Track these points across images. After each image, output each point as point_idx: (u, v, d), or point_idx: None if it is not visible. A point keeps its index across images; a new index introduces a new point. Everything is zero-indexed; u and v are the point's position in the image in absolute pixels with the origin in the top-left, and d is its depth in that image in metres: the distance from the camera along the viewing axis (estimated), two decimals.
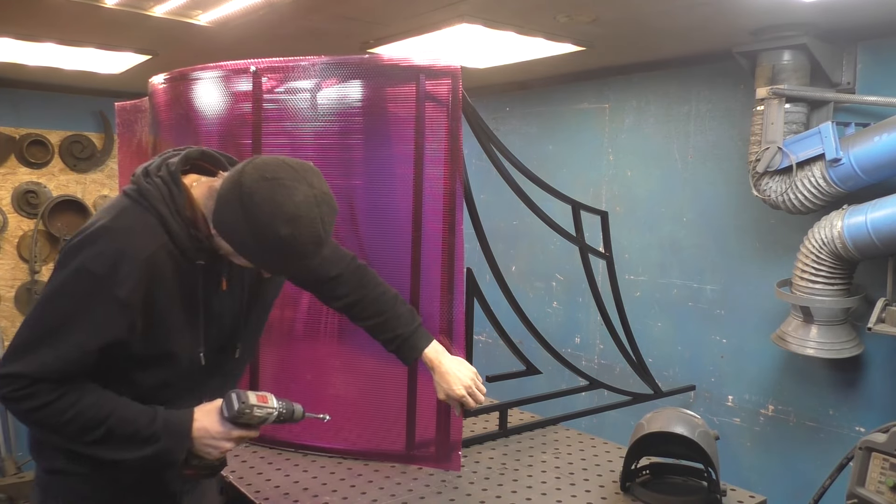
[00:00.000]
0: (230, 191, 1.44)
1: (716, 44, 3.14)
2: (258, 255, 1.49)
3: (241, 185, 1.42)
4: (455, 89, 2.24)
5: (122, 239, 1.49)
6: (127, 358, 1.54)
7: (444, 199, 2.32)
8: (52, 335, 1.46)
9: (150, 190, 1.54)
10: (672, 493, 2.14)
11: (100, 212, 1.59)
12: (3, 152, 5.08)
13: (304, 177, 1.45)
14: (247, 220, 1.42)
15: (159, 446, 1.55)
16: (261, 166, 1.45)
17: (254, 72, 2.31)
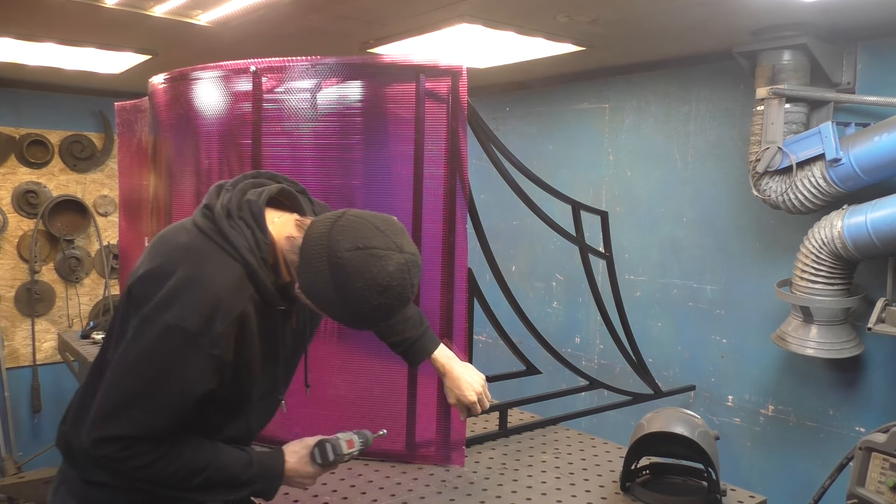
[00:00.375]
0: (319, 257, 1.40)
1: (716, 44, 3.14)
2: (344, 318, 1.48)
3: (332, 254, 1.39)
4: (456, 88, 2.24)
5: (214, 294, 1.42)
6: (206, 402, 1.51)
7: (444, 198, 2.32)
8: (146, 396, 1.42)
9: (236, 237, 1.46)
10: (672, 493, 2.13)
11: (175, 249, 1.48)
12: (3, 152, 5.08)
13: (394, 241, 1.42)
14: (337, 289, 1.39)
15: (255, 489, 1.60)
16: (350, 232, 1.40)
17: (254, 72, 2.31)
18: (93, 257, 5.47)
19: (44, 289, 5.27)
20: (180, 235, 1.52)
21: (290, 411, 2.56)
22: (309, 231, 1.45)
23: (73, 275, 5.33)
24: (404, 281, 1.41)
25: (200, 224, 1.51)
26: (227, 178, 2.52)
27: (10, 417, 5.10)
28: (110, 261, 5.47)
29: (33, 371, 5.25)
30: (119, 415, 1.41)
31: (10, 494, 4.54)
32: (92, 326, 4.05)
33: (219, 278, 1.43)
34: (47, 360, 5.30)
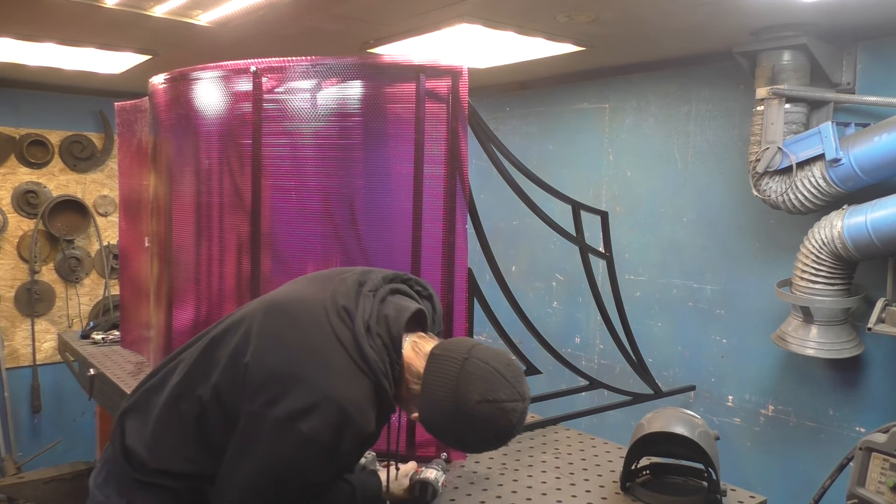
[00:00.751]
0: (446, 399, 1.47)
1: (716, 44, 3.14)
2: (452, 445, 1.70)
3: (461, 402, 1.46)
4: (456, 88, 2.24)
5: (348, 413, 1.43)
6: None
7: (444, 198, 2.32)
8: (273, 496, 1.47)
9: (374, 360, 1.49)
10: (672, 494, 2.13)
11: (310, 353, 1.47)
12: (3, 152, 5.08)
13: (519, 391, 1.51)
14: (459, 432, 1.50)
15: None
16: (479, 382, 1.46)
17: (254, 72, 2.30)
18: (93, 257, 5.47)
19: (44, 289, 5.27)
20: (314, 335, 1.50)
21: None
22: (435, 368, 1.51)
23: (73, 275, 5.33)
24: (521, 425, 1.54)
25: (339, 332, 1.49)
26: (227, 179, 2.53)
27: (10, 417, 5.11)
28: (110, 261, 5.47)
29: (33, 371, 5.25)
30: None
31: (10, 494, 4.54)
32: (92, 326, 4.05)
33: (353, 398, 1.45)
34: (47, 360, 5.30)
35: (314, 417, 1.40)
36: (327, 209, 2.45)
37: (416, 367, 1.53)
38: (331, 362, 1.46)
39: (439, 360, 1.51)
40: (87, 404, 5.11)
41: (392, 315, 1.54)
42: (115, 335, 3.87)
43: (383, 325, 1.53)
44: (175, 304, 2.74)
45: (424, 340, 1.58)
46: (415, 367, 1.53)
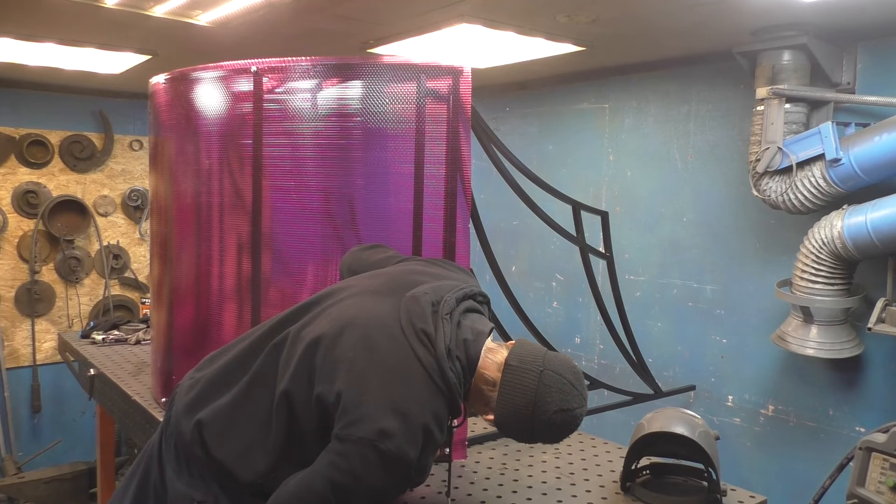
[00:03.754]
0: (526, 409, 1.60)
1: (716, 44, 3.15)
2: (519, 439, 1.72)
3: (540, 411, 1.59)
4: (457, 89, 2.24)
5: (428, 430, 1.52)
6: None
7: (444, 198, 2.32)
8: None
9: (454, 382, 1.57)
10: (672, 493, 2.13)
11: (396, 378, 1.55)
12: (3, 152, 5.08)
13: (584, 396, 1.66)
14: (532, 434, 1.64)
15: None
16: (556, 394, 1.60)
17: (255, 72, 2.30)
18: (93, 257, 5.47)
19: (44, 289, 5.27)
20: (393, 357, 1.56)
21: None
22: (513, 379, 1.62)
23: (73, 275, 5.33)
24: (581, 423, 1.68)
25: (421, 357, 1.56)
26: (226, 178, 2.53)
27: (10, 417, 5.11)
28: (110, 261, 5.48)
29: (33, 371, 5.25)
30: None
31: (10, 494, 4.54)
32: (92, 326, 4.04)
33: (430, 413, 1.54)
34: (47, 360, 5.30)
35: (399, 437, 1.48)
36: (327, 209, 2.45)
37: (491, 376, 1.64)
38: (414, 385, 1.54)
39: (516, 372, 1.62)
40: (87, 404, 5.11)
41: (470, 339, 1.65)
42: (116, 335, 3.87)
43: (462, 349, 1.63)
44: (175, 303, 2.74)
45: (496, 350, 1.68)
46: (490, 376, 1.64)
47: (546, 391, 1.60)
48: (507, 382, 1.62)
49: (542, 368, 1.62)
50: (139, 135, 5.57)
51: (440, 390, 1.56)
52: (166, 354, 2.76)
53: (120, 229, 5.58)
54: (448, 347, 1.58)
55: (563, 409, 1.61)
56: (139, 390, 2.95)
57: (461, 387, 1.61)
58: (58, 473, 4.69)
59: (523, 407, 1.60)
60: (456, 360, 1.60)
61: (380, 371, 1.54)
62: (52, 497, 4.62)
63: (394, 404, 1.50)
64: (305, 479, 1.54)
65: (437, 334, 1.59)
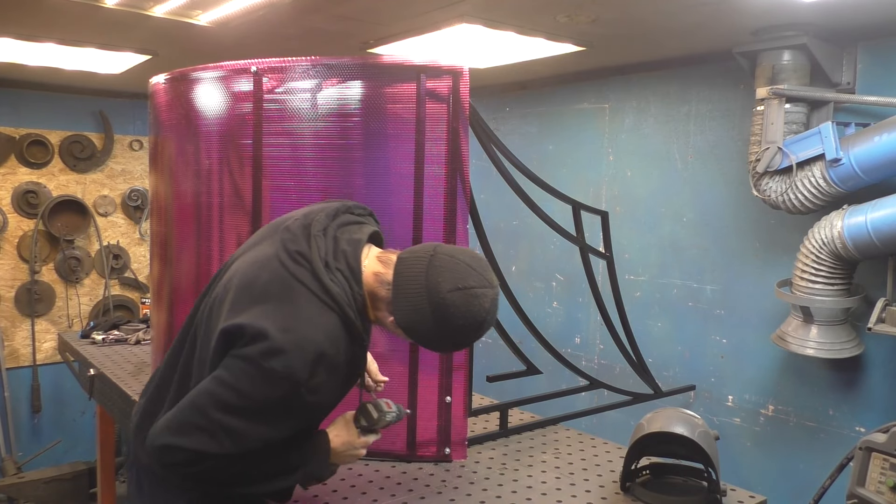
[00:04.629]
0: (419, 296, 1.53)
1: (716, 44, 3.15)
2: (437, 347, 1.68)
3: (434, 295, 1.52)
4: (457, 89, 2.24)
5: (318, 347, 1.49)
6: None
7: (444, 198, 2.32)
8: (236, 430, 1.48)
9: (337, 292, 1.54)
10: (672, 493, 2.13)
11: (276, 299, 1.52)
12: (3, 152, 5.08)
13: (486, 278, 1.58)
14: (439, 326, 1.55)
15: (308, 471, 1.66)
16: (448, 273, 1.53)
17: (254, 72, 2.31)
18: (93, 257, 5.47)
19: (44, 289, 5.27)
20: (273, 284, 1.55)
21: None
22: (403, 269, 1.57)
23: (73, 275, 5.33)
24: (494, 312, 1.59)
25: (297, 273, 1.55)
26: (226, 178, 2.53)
27: (10, 417, 5.11)
28: (110, 261, 5.48)
29: (33, 371, 5.25)
30: (203, 433, 1.47)
31: (10, 494, 4.54)
32: (92, 326, 4.05)
33: (321, 331, 1.50)
34: (47, 360, 5.30)
35: (285, 354, 1.45)
36: None
37: (385, 276, 1.59)
38: (299, 305, 1.51)
39: (407, 262, 1.58)
40: (87, 404, 5.12)
41: (349, 250, 1.60)
42: (116, 335, 3.87)
43: (342, 261, 1.59)
44: (175, 303, 2.74)
45: (389, 252, 1.65)
46: (385, 276, 1.59)
47: (437, 272, 1.53)
48: (399, 273, 1.57)
49: (433, 253, 1.57)
50: (139, 135, 5.57)
51: (327, 306, 1.52)
52: None
53: (120, 229, 5.58)
54: (325, 261, 1.56)
55: (458, 287, 1.52)
56: (139, 390, 2.94)
57: (352, 301, 1.57)
58: (58, 473, 4.69)
59: (416, 293, 1.54)
60: (337, 271, 1.56)
61: (264, 300, 1.52)
62: (52, 497, 4.62)
63: (280, 324, 1.47)
64: (189, 395, 1.50)
65: (311, 252, 1.56)
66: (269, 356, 1.45)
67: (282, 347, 1.45)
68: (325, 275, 1.54)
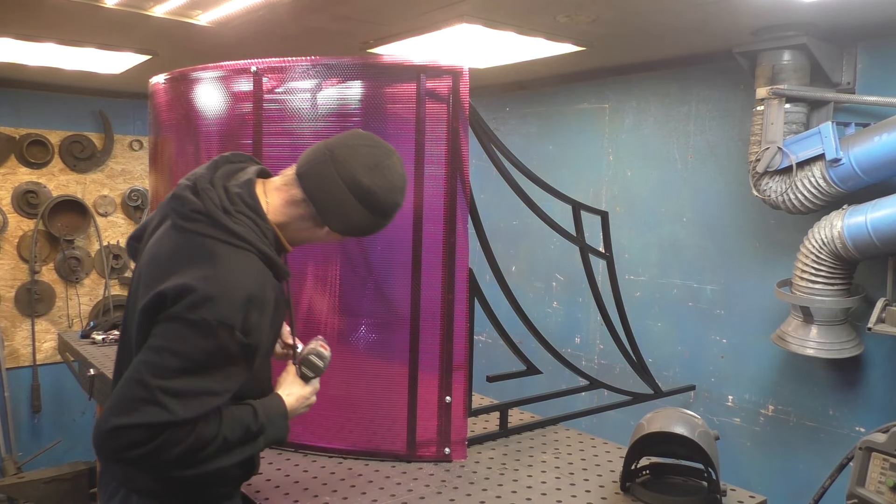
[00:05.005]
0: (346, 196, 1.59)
1: (716, 44, 3.15)
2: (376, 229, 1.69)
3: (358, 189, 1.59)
4: (457, 89, 2.24)
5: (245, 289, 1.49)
6: None
7: (444, 198, 2.32)
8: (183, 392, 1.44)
9: (246, 232, 1.55)
10: (672, 494, 2.13)
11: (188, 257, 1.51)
12: (3, 152, 5.08)
13: (383, 147, 1.66)
14: (372, 211, 1.62)
15: (269, 434, 1.66)
16: (356, 161, 1.60)
17: (254, 72, 2.31)
18: (93, 257, 5.47)
19: (44, 289, 5.27)
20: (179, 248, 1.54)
21: None
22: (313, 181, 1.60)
23: (73, 275, 5.33)
24: (404, 174, 1.69)
25: (199, 230, 1.54)
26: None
27: (10, 417, 5.11)
28: (110, 261, 5.48)
29: (33, 371, 5.25)
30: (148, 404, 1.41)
31: (10, 494, 4.54)
32: (92, 326, 4.05)
33: (244, 273, 1.51)
34: (47, 360, 5.30)
35: (213, 302, 1.44)
36: None
37: (296, 195, 1.62)
38: (211, 256, 1.51)
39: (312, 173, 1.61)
40: (87, 404, 5.12)
41: (242, 191, 1.61)
42: (115, 335, 3.87)
43: (239, 203, 1.59)
44: None
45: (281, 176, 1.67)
46: (296, 196, 1.62)
47: (346, 167, 1.59)
48: (312, 187, 1.60)
49: (331, 154, 1.60)
50: (139, 135, 5.57)
51: (241, 248, 1.53)
52: None
53: (120, 229, 5.58)
54: (223, 208, 1.56)
55: (371, 168, 1.60)
56: None
57: (262, 234, 1.58)
58: (58, 473, 4.69)
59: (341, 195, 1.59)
60: (238, 214, 1.57)
61: (177, 265, 1.50)
62: (52, 497, 4.61)
63: (201, 275, 1.46)
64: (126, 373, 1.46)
65: (206, 204, 1.56)
66: (197, 307, 1.43)
67: (208, 296, 1.44)
68: (229, 220, 1.55)
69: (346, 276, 2.47)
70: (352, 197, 1.59)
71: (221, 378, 1.49)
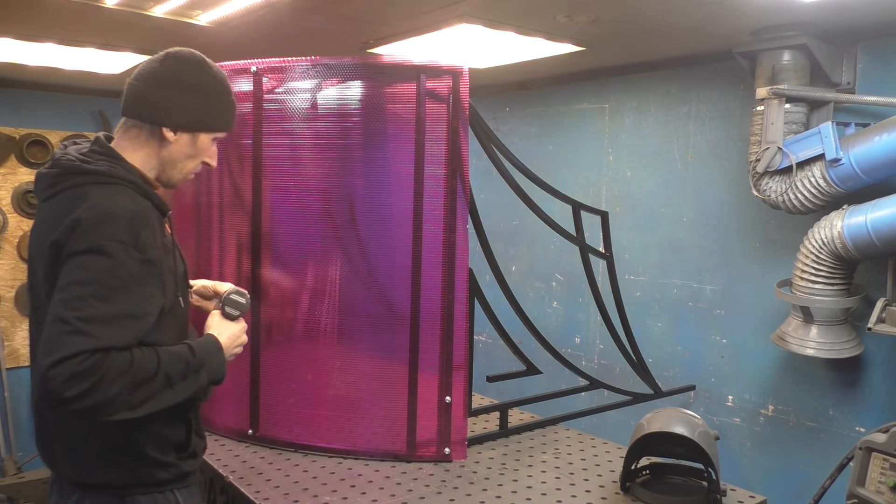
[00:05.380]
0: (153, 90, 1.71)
1: (716, 44, 3.15)
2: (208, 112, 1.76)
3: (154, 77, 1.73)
4: (457, 89, 2.24)
5: (127, 210, 1.56)
6: None
7: (444, 198, 2.32)
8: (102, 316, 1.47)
9: (109, 168, 1.63)
10: (672, 493, 2.14)
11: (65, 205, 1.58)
12: (3, 152, 5.08)
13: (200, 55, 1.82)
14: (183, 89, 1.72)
15: (208, 372, 1.68)
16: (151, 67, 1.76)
17: (254, 72, 2.31)
18: None
19: None
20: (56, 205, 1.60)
21: (290, 411, 2.57)
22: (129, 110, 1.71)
23: None
24: None
25: (68, 183, 1.61)
26: (227, 177, 2.53)
27: (10, 417, 5.11)
28: None
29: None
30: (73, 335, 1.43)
31: (10, 494, 4.54)
32: None
33: (123, 199, 1.59)
34: None
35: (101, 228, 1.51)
36: (327, 209, 2.45)
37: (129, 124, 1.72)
38: (88, 198, 1.57)
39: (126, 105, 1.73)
40: None
41: (91, 146, 1.69)
42: None
43: (93, 155, 1.66)
44: None
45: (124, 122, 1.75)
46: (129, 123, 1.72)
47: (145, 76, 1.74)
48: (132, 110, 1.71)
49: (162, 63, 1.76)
50: None
51: (111, 185, 1.60)
52: None
53: None
54: (79, 158, 1.64)
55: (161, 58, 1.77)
56: None
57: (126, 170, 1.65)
58: None
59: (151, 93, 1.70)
60: (97, 160, 1.63)
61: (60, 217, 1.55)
62: None
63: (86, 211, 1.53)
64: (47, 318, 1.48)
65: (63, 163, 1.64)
66: (87, 234, 1.50)
67: (92, 222, 1.51)
68: (89, 166, 1.62)
69: (346, 276, 2.47)
70: (160, 88, 1.70)
71: (137, 301, 1.53)
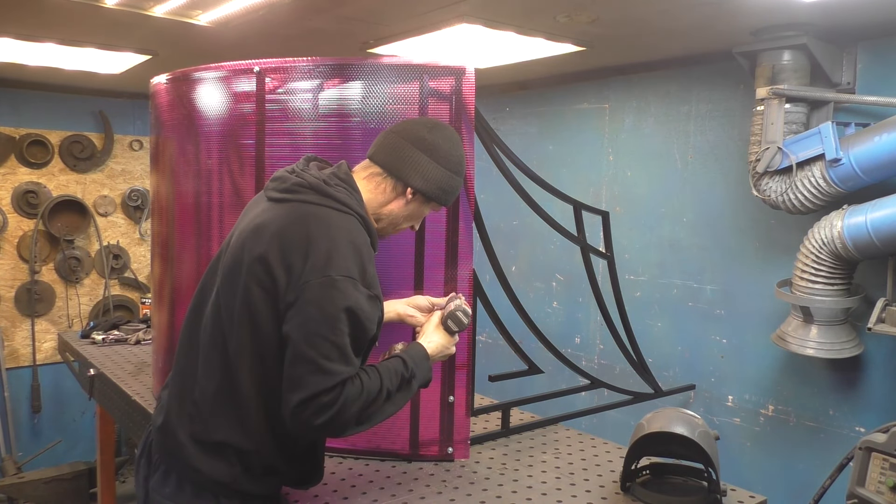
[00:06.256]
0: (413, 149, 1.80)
1: (716, 44, 3.15)
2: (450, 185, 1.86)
3: (421, 139, 1.80)
4: (459, 89, 2.24)
5: (355, 244, 1.66)
6: None
7: None
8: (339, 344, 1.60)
9: (346, 197, 1.72)
10: (672, 493, 2.14)
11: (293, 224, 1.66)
12: (3, 152, 5.08)
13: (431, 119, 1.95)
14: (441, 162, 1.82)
15: (418, 380, 1.82)
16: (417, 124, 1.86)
17: (257, 72, 2.31)
18: (93, 257, 5.47)
19: (44, 289, 5.27)
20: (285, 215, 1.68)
21: None
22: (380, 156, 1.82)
23: (73, 275, 5.33)
24: None
25: (301, 198, 1.70)
26: (227, 178, 2.54)
27: (10, 417, 5.11)
28: (110, 261, 5.48)
29: (33, 371, 5.25)
30: (314, 374, 1.57)
31: (10, 494, 4.54)
32: (92, 326, 4.05)
33: (350, 231, 1.68)
34: (47, 360, 5.30)
35: (333, 260, 1.60)
36: None
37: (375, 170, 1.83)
38: (318, 217, 1.67)
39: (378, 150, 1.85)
40: (87, 404, 5.12)
41: (336, 170, 1.79)
42: (116, 335, 3.87)
43: (334, 178, 1.75)
44: (176, 303, 2.74)
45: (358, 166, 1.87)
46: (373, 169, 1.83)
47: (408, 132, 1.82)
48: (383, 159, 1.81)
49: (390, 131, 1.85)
50: (139, 135, 5.57)
51: (343, 212, 1.70)
52: (167, 354, 2.76)
53: (120, 229, 5.59)
54: (322, 180, 1.73)
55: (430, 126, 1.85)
56: (139, 390, 2.96)
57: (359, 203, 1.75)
58: (58, 473, 4.69)
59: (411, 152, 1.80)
60: (337, 185, 1.73)
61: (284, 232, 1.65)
62: (52, 497, 4.62)
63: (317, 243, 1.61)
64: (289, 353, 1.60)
65: (307, 179, 1.73)
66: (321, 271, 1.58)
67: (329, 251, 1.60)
68: (329, 188, 1.71)
69: None
70: (421, 153, 1.79)
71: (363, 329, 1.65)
